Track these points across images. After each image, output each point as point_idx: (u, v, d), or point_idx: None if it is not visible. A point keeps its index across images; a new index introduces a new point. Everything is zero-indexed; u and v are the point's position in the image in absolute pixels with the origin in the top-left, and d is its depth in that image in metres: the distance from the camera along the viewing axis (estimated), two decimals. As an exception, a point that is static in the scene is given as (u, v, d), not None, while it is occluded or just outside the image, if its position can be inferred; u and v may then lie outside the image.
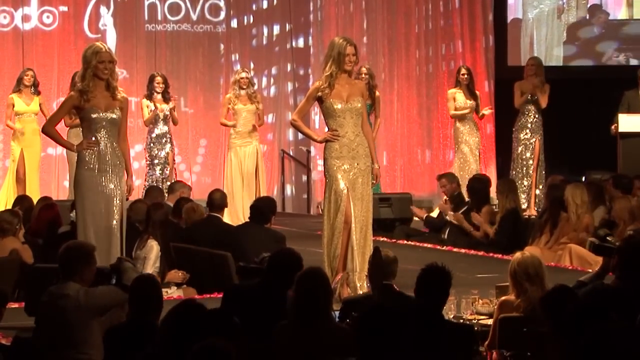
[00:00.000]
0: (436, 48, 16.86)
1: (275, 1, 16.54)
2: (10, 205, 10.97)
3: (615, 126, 13.09)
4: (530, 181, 13.67)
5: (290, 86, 16.59)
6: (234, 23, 16.47)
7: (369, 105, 12.51)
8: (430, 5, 16.85)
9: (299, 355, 5.57)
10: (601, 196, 10.83)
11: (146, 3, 16.06)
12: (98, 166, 8.11)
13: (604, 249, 6.94)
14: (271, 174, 16.07)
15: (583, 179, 13.22)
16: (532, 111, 13.68)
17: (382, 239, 11.44)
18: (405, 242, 11.99)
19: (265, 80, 16.50)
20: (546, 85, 13.66)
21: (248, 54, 16.43)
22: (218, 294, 8.48)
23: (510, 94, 13.90)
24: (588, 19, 17.11)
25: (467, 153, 13.84)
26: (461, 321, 6.92)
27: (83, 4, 15.81)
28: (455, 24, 16.84)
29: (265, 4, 16.56)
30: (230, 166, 13.42)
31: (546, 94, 13.62)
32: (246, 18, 16.55)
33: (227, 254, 9.01)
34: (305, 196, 16.46)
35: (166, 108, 13.53)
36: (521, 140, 13.74)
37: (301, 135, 12.78)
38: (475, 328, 6.53)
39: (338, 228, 8.39)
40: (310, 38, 16.57)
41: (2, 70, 15.27)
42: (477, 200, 11.69)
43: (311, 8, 16.59)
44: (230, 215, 13.10)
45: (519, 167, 13.76)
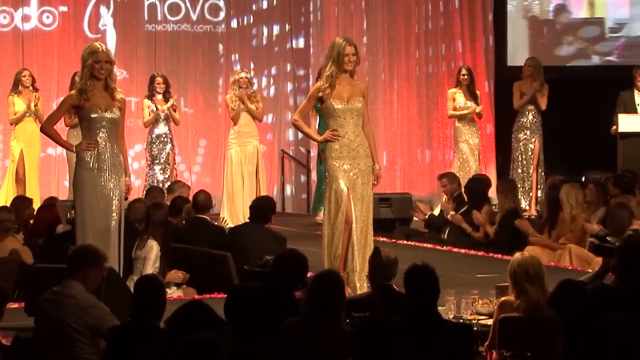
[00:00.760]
0: (436, 48, 16.85)
1: (275, 1, 16.53)
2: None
3: (615, 127, 13.11)
4: (530, 181, 13.68)
5: (289, 86, 16.58)
6: (234, 23, 16.46)
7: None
8: (430, 5, 16.84)
9: (306, 353, 5.59)
10: (604, 197, 10.82)
11: (146, 3, 16.05)
12: (97, 166, 8.10)
13: (604, 249, 6.94)
14: (271, 174, 16.07)
15: (583, 179, 13.22)
16: (532, 111, 13.68)
17: (382, 239, 11.43)
18: (405, 242, 11.99)
19: (265, 80, 16.49)
20: (545, 86, 13.66)
21: (248, 54, 16.42)
22: (218, 294, 8.50)
23: (510, 94, 13.90)
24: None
25: (467, 153, 13.83)
26: (461, 321, 6.92)
27: (83, 4, 15.80)
28: (455, 24, 16.83)
29: (265, 4, 16.55)
30: (230, 166, 13.43)
31: (545, 96, 13.63)
32: (246, 18, 16.54)
33: (227, 254, 9.02)
34: (305, 196, 16.46)
35: (166, 108, 13.53)
36: (521, 140, 13.75)
37: (301, 135, 12.80)
38: (475, 328, 6.53)
39: (339, 228, 8.38)
40: (310, 38, 16.56)
41: (2, 70, 15.26)
42: (475, 200, 11.68)
43: (311, 8, 16.58)
44: (230, 215, 13.12)
45: (519, 168, 13.76)
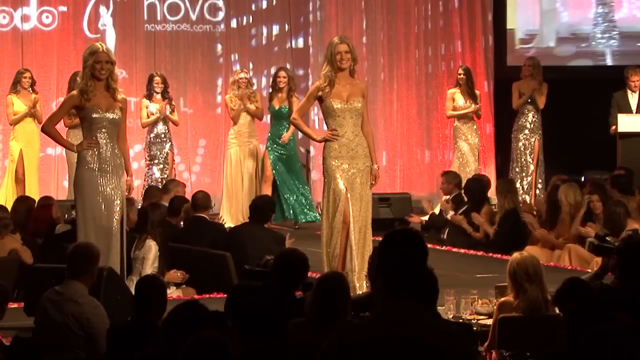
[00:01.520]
0: (435, 48, 16.85)
1: (274, 1, 16.52)
2: (9, 205, 10.95)
3: (614, 127, 13.11)
4: (529, 181, 13.68)
5: (289, 86, 16.56)
6: (233, 23, 16.45)
7: (287, 107, 12.45)
8: (429, 5, 16.83)
9: (311, 354, 5.59)
10: (605, 197, 10.83)
11: (145, 3, 16.04)
12: (98, 166, 8.11)
13: (603, 249, 6.96)
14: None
15: (582, 179, 13.23)
16: (531, 111, 13.69)
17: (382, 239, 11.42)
18: (404, 242, 11.96)
19: (264, 80, 16.47)
20: (544, 85, 13.67)
21: (247, 54, 16.41)
22: (217, 294, 8.50)
23: (509, 94, 13.90)
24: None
25: (467, 153, 13.84)
26: (460, 321, 6.93)
27: (82, 4, 15.78)
28: (454, 24, 16.82)
29: (264, 4, 16.54)
30: (230, 166, 13.42)
31: (544, 95, 13.63)
32: (245, 18, 16.53)
33: (227, 254, 9.02)
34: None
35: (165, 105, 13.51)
36: (520, 140, 13.75)
37: (300, 134, 12.78)
38: (474, 328, 6.54)
39: (337, 228, 8.38)
40: (309, 38, 16.55)
41: (2, 70, 15.24)
42: (475, 200, 11.68)
43: (310, 8, 16.58)
44: (230, 215, 13.11)
45: (519, 167, 13.77)
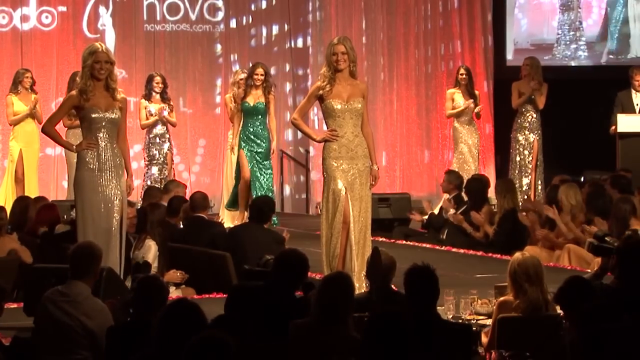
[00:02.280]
0: (435, 48, 16.86)
1: (274, 1, 16.53)
2: (9, 205, 10.95)
3: (614, 127, 13.11)
4: (529, 181, 13.67)
5: (288, 86, 16.57)
6: (233, 23, 16.46)
7: (264, 104, 12.41)
8: (429, 5, 16.84)
9: (313, 355, 5.59)
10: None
11: (145, 3, 16.05)
12: (98, 166, 8.10)
13: (603, 250, 6.95)
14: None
15: (582, 179, 13.23)
16: (531, 111, 13.68)
17: (381, 239, 11.44)
18: (403, 242, 11.99)
19: (264, 80, 16.47)
20: (544, 85, 13.66)
21: (247, 54, 16.40)
22: (217, 294, 8.50)
23: (509, 94, 13.90)
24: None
25: (466, 153, 13.84)
26: (460, 321, 6.92)
27: (82, 4, 15.79)
28: (454, 24, 16.83)
29: (264, 4, 16.55)
30: (230, 166, 13.41)
31: (543, 95, 13.62)
32: (245, 18, 16.54)
33: (226, 254, 9.02)
34: (304, 196, 16.46)
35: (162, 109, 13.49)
36: (520, 140, 13.74)
37: (300, 135, 12.79)
38: (474, 328, 6.53)
39: (337, 228, 8.37)
40: (309, 38, 16.55)
41: (1, 70, 15.25)
42: (474, 200, 11.67)
43: (310, 8, 16.58)
44: (230, 215, 13.10)
45: (518, 167, 13.76)
